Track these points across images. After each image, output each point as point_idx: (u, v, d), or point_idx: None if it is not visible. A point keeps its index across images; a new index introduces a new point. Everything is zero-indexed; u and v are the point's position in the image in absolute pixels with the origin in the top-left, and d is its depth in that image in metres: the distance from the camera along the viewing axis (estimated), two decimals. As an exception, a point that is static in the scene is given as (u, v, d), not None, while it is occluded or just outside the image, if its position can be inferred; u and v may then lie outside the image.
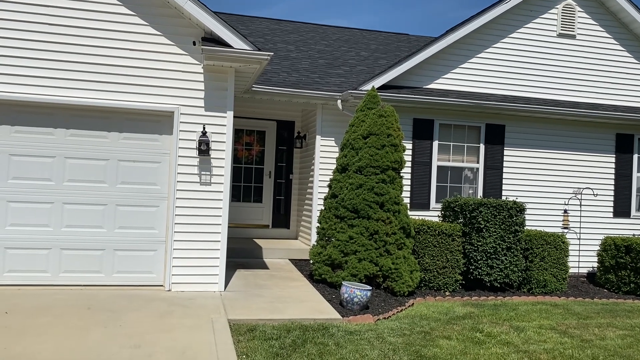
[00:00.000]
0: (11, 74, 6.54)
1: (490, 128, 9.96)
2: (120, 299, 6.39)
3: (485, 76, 10.04)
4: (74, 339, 4.94)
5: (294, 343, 5.20)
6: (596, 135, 10.42)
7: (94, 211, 6.92)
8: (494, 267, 8.04)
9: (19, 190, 6.73)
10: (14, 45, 6.54)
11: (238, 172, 11.36)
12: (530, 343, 5.81)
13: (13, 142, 6.71)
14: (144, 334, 5.17)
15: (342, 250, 7.47)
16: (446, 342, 5.63)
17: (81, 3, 6.69)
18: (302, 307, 6.46)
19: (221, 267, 7.04)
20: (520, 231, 8.17)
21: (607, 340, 6.06)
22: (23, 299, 6.17)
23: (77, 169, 6.88)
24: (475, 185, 9.97)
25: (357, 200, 7.49)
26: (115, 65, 6.79)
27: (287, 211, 11.49)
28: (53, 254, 6.81)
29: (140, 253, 7.05)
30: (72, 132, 6.86)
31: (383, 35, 14.81)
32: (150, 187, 7.08)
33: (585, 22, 10.46)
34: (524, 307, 7.41)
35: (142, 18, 6.86)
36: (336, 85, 9.92)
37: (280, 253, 9.65)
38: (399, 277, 7.34)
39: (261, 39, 12.29)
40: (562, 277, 8.47)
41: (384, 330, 5.89)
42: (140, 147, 7.05)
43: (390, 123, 7.78)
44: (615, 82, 10.62)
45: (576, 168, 10.34)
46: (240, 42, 6.79)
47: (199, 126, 6.98)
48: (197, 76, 7.01)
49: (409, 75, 9.64)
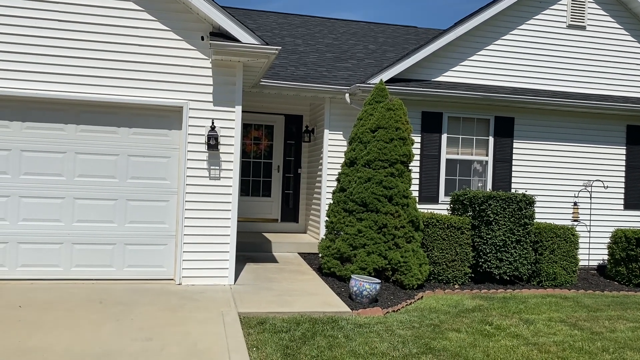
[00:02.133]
0: (22, 71, 6.60)
1: (499, 120, 9.92)
2: (132, 292, 6.45)
3: (495, 68, 9.99)
4: (87, 333, 5.00)
5: (304, 336, 5.23)
6: (606, 127, 10.34)
7: (104, 206, 6.98)
8: (504, 260, 8.03)
9: (31, 186, 6.80)
10: (25, 42, 6.59)
11: (247, 167, 11.40)
12: (540, 335, 5.80)
13: (24, 138, 6.77)
14: (155, 327, 5.23)
15: (350, 243, 7.48)
16: (455, 334, 5.64)
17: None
18: (311, 300, 6.49)
19: (231, 261, 7.08)
20: (530, 224, 8.14)
21: (618, 333, 6.05)
22: (36, 293, 6.25)
23: (88, 164, 6.94)
24: (485, 178, 9.94)
25: (366, 194, 7.49)
26: (124, 61, 6.83)
27: (295, 205, 11.52)
28: (65, 248, 6.89)
29: (151, 247, 7.11)
30: (82, 127, 6.92)
31: (391, 28, 14.75)
32: (160, 182, 7.13)
33: (595, 12, 10.36)
34: (534, 300, 7.40)
35: (150, 14, 6.88)
36: (344, 78, 9.91)
37: (289, 247, 9.68)
38: (408, 270, 7.35)
39: (269, 33, 12.29)
40: (572, 269, 8.44)
41: (393, 323, 5.90)
42: (149, 142, 7.10)
43: (398, 116, 7.77)
44: (626, 74, 10.52)
45: (586, 160, 10.27)
46: (248, 36, 6.80)
47: (208, 121, 7.01)
48: (205, 71, 7.04)
49: (417, 68, 9.61)
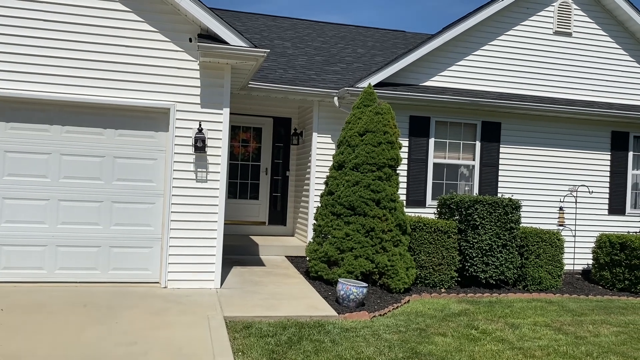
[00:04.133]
0: (7, 71, 6.51)
1: (486, 125, 9.98)
2: (116, 296, 6.39)
3: (482, 73, 10.06)
4: (70, 336, 4.94)
5: (290, 340, 5.21)
6: (592, 132, 10.46)
7: (89, 208, 6.91)
8: (490, 264, 8.07)
9: (15, 187, 6.71)
10: (9, 41, 6.51)
11: (234, 169, 11.35)
12: (525, 340, 5.84)
13: (8, 138, 6.69)
14: (140, 331, 5.18)
15: (338, 247, 7.48)
16: (441, 339, 5.65)
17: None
18: (298, 304, 6.47)
19: (217, 264, 7.04)
20: (516, 228, 8.20)
21: (601, 337, 6.10)
22: (19, 295, 6.16)
23: (73, 166, 6.86)
24: (471, 182, 9.99)
25: (354, 197, 7.50)
26: (111, 62, 6.77)
27: (283, 208, 11.49)
28: (49, 250, 6.80)
29: (136, 250, 7.04)
30: (67, 128, 6.85)
31: (380, 33, 14.80)
32: (146, 184, 7.07)
33: (581, 19, 10.48)
34: (519, 304, 7.45)
35: (138, 14, 6.84)
36: (333, 82, 9.91)
37: (276, 250, 9.66)
38: (395, 274, 7.36)
39: (258, 35, 12.27)
40: (557, 274, 8.50)
41: (380, 327, 5.90)
42: (136, 144, 7.04)
43: (386, 120, 7.79)
44: (611, 80, 10.65)
45: (572, 165, 10.37)
46: (237, 38, 6.78)
47: (195, 123, 6.97)
48: (193, 73, 7.00)
49: (406, 72, 9.65)
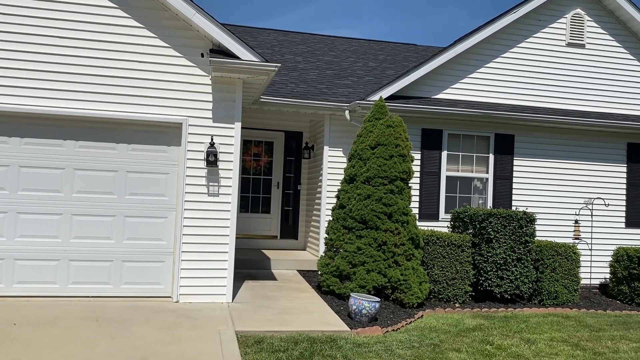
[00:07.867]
0: (21, 87, 6.60)
1: (499, 138, 9.91)
2: (128, 310, 6.38)
3: (494, 86, 10.01)
4: (82, 351, 4.93)
5: (302, 355, 5.15)
6: (607, 144, 10.33)
7: (102, 222, 6.94)
8: (504, 278, 7.95)
9: (28, 202, 6.76)
10: (24, 58, 6.60)
11: (246, 183, 11.37)
12: (542, 356, 5.72)
13: (23, 153, 6.76)
14: (151, 345, 5.16)
15: (350, 261, 7.42)
16: (456, 354, 5.56)
17: (91, 16, 6.76)
18: (309, 318, 6.41)
19: (229, 278, 7.02)
20: (531, 242, 8.08)
21: (620, 353, 5.96)
22: (32, 310, 6.18)
23: (86, 181, 6.91)
24: (485, 195, 9.90)
25: (365, 211, 7.45)
26: (124, 77, 6.84)
27: (295, 222, 11.47)
28: (62, 265, 6.83)
29: (148, 264, 7.05)
30: (81, 143, 6.91)
31: (391, 46, 14.84)
32: (159, 198, 7.09)
33: (594, 31, 10.42)
34: (535, 319, 7.32)
35: (150, 30, 6.91)
36: (344, 95, 9.93)
37: (288, 264, 9.62)
38: (407, 288, 7.28)
39: (269, 50, 12.35)
40: (573, 288, 8.36)
41: (393, 342, 5.82)
42: (148, 159, 7.08)
43: (398, 133, 7.76)
44: (626, 91, 10.54)
45: (587, 178, 10.24)
46: (248, 53, 6.82)
47: (207, 137, 6.99)
48: (205, 87, 7.04)
49: (417, 85, 9.63)
